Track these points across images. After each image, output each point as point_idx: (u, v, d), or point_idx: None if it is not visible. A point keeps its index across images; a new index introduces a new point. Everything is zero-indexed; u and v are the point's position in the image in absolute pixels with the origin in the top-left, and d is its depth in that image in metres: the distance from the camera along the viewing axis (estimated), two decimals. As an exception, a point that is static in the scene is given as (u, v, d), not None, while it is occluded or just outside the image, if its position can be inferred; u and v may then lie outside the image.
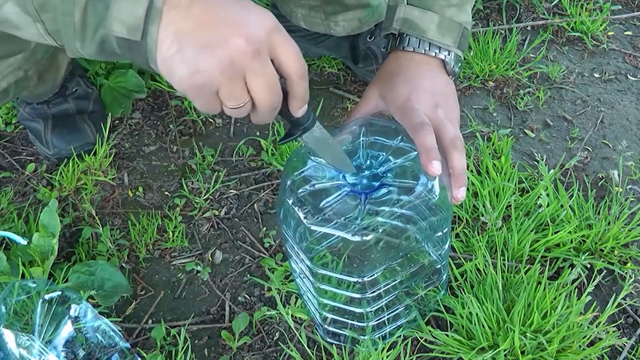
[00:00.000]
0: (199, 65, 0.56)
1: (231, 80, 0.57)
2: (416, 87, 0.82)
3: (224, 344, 0.98)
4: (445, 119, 0.80)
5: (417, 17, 0.86)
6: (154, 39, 0.56)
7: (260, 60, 0.58)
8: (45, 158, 1.24)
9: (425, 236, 0.82)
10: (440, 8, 0.86)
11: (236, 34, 0.56)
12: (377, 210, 0.75)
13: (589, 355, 0.91)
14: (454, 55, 0.87)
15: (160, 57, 0.56)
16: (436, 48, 0.86)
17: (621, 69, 1.45)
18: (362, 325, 0.89)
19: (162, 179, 1.21)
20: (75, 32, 0.58)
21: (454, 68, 0.87)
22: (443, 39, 0.85)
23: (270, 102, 0.61)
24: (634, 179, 1.20)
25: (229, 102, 0.60)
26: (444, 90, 0.84)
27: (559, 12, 1.57)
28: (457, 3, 0.86)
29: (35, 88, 1.08)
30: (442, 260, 0.90)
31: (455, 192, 0.77)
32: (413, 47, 0.86)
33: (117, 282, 1.01)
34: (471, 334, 0.92)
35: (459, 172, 0.77)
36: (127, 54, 0.58)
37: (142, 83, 1.30)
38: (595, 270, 1.03)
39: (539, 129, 1.30)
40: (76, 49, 0.60)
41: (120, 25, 0.56)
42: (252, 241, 1.11)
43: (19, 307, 0.91)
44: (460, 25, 0.86)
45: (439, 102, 0.82)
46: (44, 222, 1.02)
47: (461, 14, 0.87)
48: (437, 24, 0.85)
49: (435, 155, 0.74)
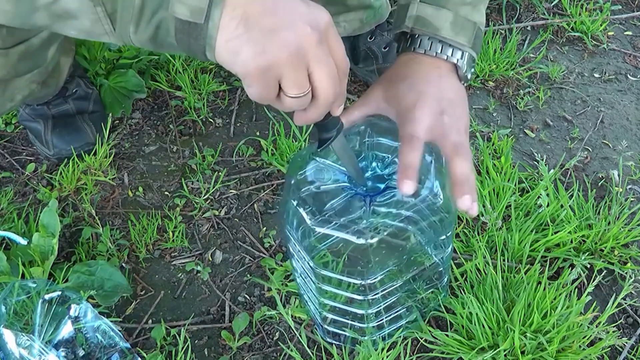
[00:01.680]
0: (266, 46, 0.55)
1: (296, 65, 0.57)
2: (422, 94, 0.78)
3: (224, 344, 0.98)
4: (450, 127, 0.77)
5: (431, 14, 0.82)
6: (216, 23, 0.55)
7: (324, 49, 0.58)
8: (45, 158, 1.24)
9: (429, 239, 0.82)
10: (454, 5, 0.82)
11: (302, 20, 0.56)
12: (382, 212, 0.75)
13: (589, 355, 0.91)
14: (467, 58, 0.83)
15: (223, 39, 0.56)
16: (448, 51, 0.82)
17: (621, 69, 1.45)
18: (362, 326, 0.89)
19: (162, 179, 1.21)
20: (132, 15, 0.57)
21: (466, 73, 0.83)
22: (457, 38, 0.81)
23: (332, 92, 0.60)
24: (634, 179, 1.20)
25: (292, 90, 0.58)
26: (451, 97, 0.80)
27: (559, 12, 1.57)
28: (472, 1, 0.83)
29: (39, 92, 1.08)
30: (444, 263, 0.90)
31: (458, 201, 0.72)
32: (424, 49, 0.82)
33: (117, 282, 1.01)
34: (471, 334, 0.92)
35: (460, 179, 0.73)
36: (183, 40, 0.58)
37: (142, 83, 1.30)
38: (595, 270, 1.03)
39: (539, 129, 1.30)
40: (128, 34, 0.59)
41: (184, 7, 0.55)
42: (252, 241, 1.11)
43: (19, 307, 0.91)
44: (474, 24, 0.82)
45: (445, 109, 0.78)
46: (44, 222, 1.02)
47: (475, 13, 0.83)
48: (451, 21, 0.81)
49: (412, 174, 0.71)
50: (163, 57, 1.37)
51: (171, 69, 1.36)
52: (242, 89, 1.36)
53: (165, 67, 1.37)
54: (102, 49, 1.30)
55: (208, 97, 1.34)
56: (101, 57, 1.31)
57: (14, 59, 0.79)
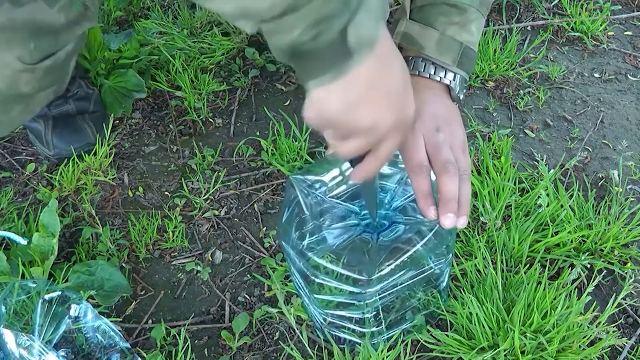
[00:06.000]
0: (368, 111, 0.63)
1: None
2: (419, 114, 0.79)
3: (224, 344, 0.98)
4: (443, 143, 0.78)
5: (417, 32, 0.84)
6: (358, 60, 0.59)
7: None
8: (46, 158, 1.24)
9: (431, 248, 0.82)
10: (441, 25, 0.84)
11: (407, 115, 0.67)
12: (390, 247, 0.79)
13: (589, 355, 0.91)
14: (459, 80, 0.85)
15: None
16: (441, 72, 0.84)
17: (621, 69, 1.45)
18: (362, 330, 0.90)
19: (162, 179, 1.21)
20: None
21: (458, 94, 0.85)
22: (441, 57, 0.83)
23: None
24: (634, 179, 1.20)
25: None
26: (446, 116, 0.82)
27: (559, 12, 1.57)
28: (459, 21, 0.84)
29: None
30: (445, 269, 0.91)
31: (441, 219, 0.73)
32: (418, 71, 0.84)
33: (117, 282, 1.01)
34: (471, 334, 0.92)
35: (446, 197, 0.74)
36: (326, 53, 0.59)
37: (142, 83, 1.30)
38: (595, 270, 1.03)
39: (539, 129, 1.30)
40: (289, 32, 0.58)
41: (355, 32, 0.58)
42: (252, 241, 1.11)
43: (19, 307, 0.91)
44: (460, 44, 0.84)
45: (440, 126, 0.80)
46: (44, 222, 1.02)
47: (464, 33, 0.84)
48: (436, 40, 0.83)
49: (432, 201, 0.75)
50: (163, 57, 1.37)
51: (171, 69, 1.36)
52: (242, 89, 1.36)
53: (165, 67, 1.37)
54: (102, 49, 1.30)
55: (208, 97, 1.34)
56: (101, 57, 1.31)
57: (40, 74, 0.79)
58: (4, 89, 0.78)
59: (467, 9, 0.84)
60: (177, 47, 1.38)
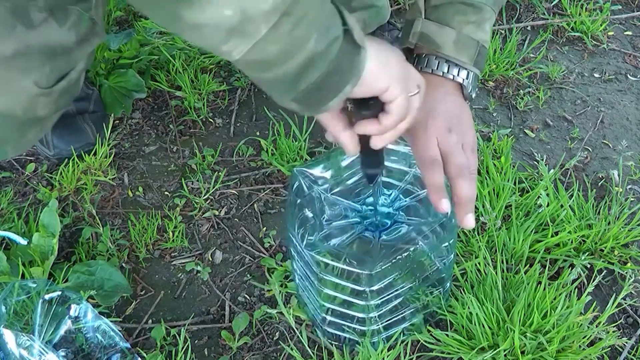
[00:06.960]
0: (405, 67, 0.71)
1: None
2: (431, 112, 0.80)
3: (224, 344, 0.98)
4: (456, 145, 0.79)
5: (434, 32, 0.84)
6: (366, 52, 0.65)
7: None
8: (46, 158, 1.24)
9: (432, 247, 0.83)
10: (458, 24, 0.84)
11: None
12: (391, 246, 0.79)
13: (589, 355, 0.91)
14: (472, 78, 0.85)
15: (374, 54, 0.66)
16: (454, 70, 0.84)
17: (621, 69, 1.45)
18: (362, 329, 0.90)
19: (162, 179, 1.21)
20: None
21: (470, 92, 0.85)
22: (459, 56, 0.83)
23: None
24: (634, 179, 1.20)
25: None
26: (458, 114, 0.82)
27: (559, 12, 1.57)
28: (476, 20, 0.84)
29: None
30: (447, 269, 0.91)
31: (463, 221, 0.77)
32: (431, 69, 0.84)
33: (117, 282, 1.01)
34: (471, 334, 0.92)
35: (464, 201, 0.77)
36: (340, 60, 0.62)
37: (142, 83, 1.30)
38: (595, 270, 1.03)
39: (539, 129, 1.30)
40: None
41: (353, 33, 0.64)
42: (252, 241, 1.11)
43: (19, 307, 0.91)
44: (477, 43, 0.84)
45: (452, 126, 0.80)
46: (44, 222, 1.02)
47: (479, 32, 0.84)
48: (453, 40, 0.83)
49: (444, 194, 0.76)
50: (163, 57, 1.37)
51: (171, 69, 1.36)
52: (242, 89, 1.36)
53: (165, 67, 1.37)
54: (102, 49, 1.30)
55: (208, 97, 1.34)
56: (101, 57, 1.31)
57: (56, 96, 0.79)
58: (20, 114, 0.77)
59: (482, 7, 0.84)
60: (177, 47, 1.38)
